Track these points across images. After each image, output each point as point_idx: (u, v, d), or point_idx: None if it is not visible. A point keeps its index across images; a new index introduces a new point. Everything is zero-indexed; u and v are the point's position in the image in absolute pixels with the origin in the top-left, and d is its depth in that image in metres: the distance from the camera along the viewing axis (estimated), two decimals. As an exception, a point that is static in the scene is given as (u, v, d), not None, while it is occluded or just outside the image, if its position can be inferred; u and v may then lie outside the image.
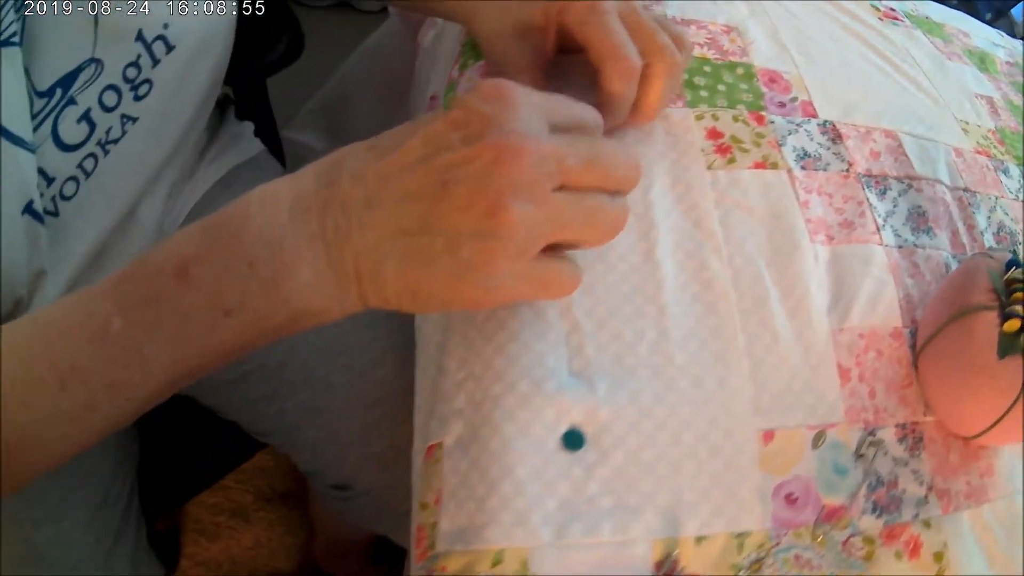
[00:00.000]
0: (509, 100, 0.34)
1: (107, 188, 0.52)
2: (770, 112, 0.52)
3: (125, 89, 0.50)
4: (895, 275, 0.48)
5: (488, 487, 0.37)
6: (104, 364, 0.34)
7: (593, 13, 0.46)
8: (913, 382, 0.45)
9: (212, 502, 1.15)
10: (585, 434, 0.38)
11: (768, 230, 0.46)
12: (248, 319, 0.35)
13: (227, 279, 0.34)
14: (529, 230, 0.33)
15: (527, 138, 0.33)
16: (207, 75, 0.57)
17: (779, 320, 0.43)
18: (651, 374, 0.40)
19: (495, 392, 0.39)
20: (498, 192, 0.32)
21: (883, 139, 0.55)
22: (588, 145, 0.35)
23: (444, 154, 0.33)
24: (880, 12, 0.69)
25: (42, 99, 0.45)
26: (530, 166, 0.33)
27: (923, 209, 0.53)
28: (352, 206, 0.34)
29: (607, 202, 0.36)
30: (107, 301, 0.34)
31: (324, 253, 0.34)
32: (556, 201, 0.34)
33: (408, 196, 0.33)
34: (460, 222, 0.33)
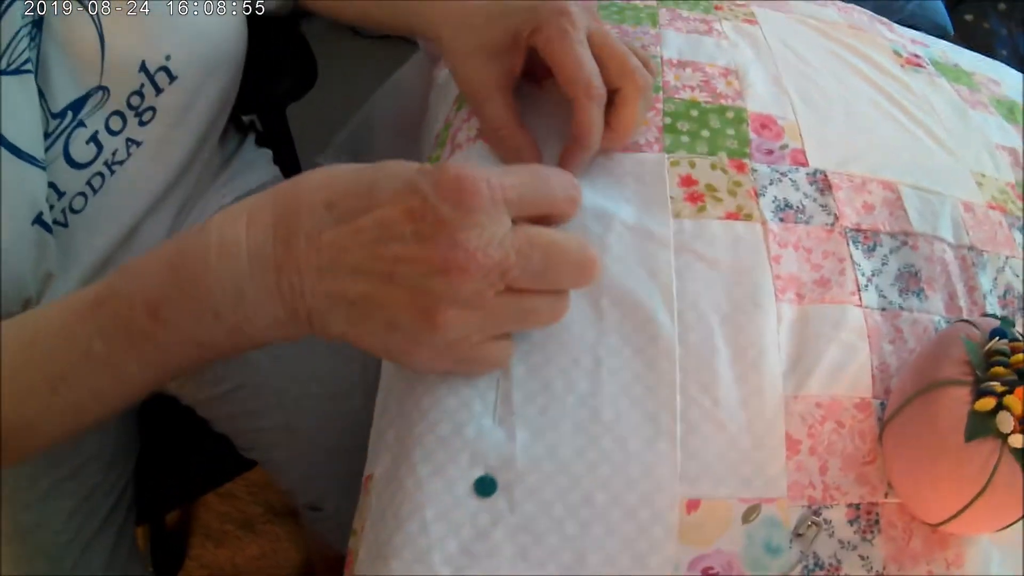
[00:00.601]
0: (467, 205, 0.32)
1: (113, 205, 0.53)
2: (754, 160, 0.47)
3: (130, 115, 0.52)
4: (872, 340, 0.42)
5: (398, 522, 0.35)
6: (89, 376, 0.36)
7: (562, 38, 0.43)
8: (876, 459, 0.39)
9: (222, 510, 1.16)
10: (498, 481, 0.35)
11: (729, 285, 0.41)
12: (218, 350, 0.36)
13: (196, 324, 0.35)
14: (460, 333, 0.34)
15: (473, 253, 0.32)
16: (212, 104, 0.57)
17: (724, 383, 0.38)
18: (573, 428, 0.36)
19: (418, 431, 0.36)
20: (434, 301, 0.32)
21: (880, 191, 0.49)
22: (541, 250, 0.33)
23: (394, 244, 0.32)
24: (903, 59, 0.62)
25: (55, 120, 0.48)
26: (472, 280, 0.32)
27: (916, 268, 0.46)
28: (306, 271, 0.33)
29: (547, 303, 0.35)
30: (87, 324, 0.35)
31: (281, 305, 0.34)
32: (494, 307, 0.33)
33: (357, 273, 0.33)
34: (398, 314, 0.33)
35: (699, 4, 0.63)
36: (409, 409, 0.37)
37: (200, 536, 1.13)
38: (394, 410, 0.39)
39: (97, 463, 0.62)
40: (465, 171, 0.32)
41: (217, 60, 0.56)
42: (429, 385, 0.37)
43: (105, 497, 0.62)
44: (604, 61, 0.44)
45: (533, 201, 0.34)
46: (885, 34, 0.67)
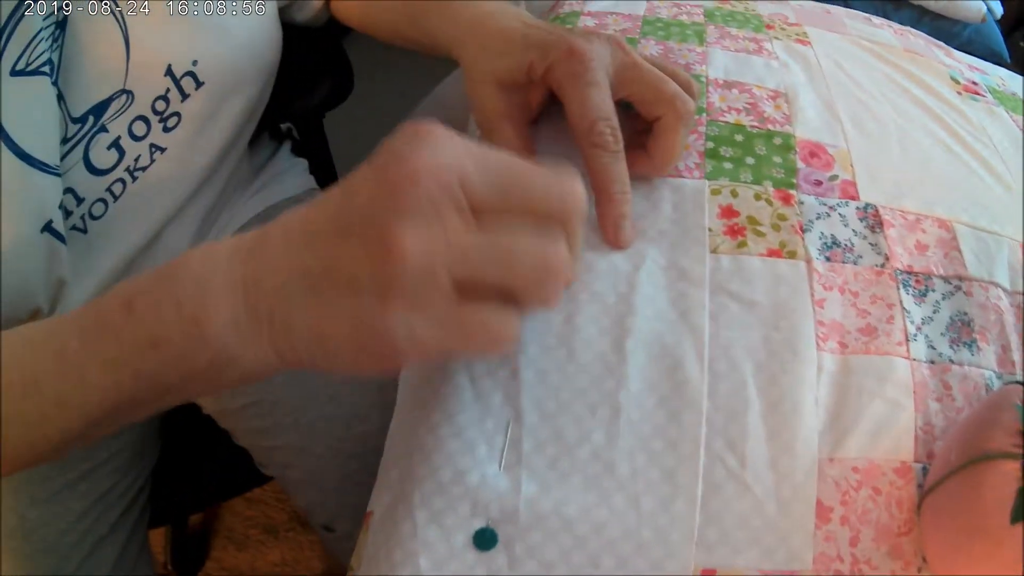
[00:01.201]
0: (423, 135, 0.27)
1: (134, 211, 0.49)
2: (801, 191, 0.41)
3: (154, 120, 0.47)
4: (917, 397, 0.36)
5: (390, 567, 0.30)
6: (55, 379, 0.31)
7: (572, 80, 0.38)
8: (913, 530, 0.33)
9: (247, 514, 1.11)
10: (499, 535, 0.30)
11: (767, 330, 0.35)
12: (171, 355, 0.30)
13: (159, 314, 0.29)
14: (426, 264, 0.26)
15: (424, 163, 0.26)
16: (240, 111, 0.53)
17: (753, 440, 0.32)
18: (584, 484, 0.31)
19: (418, 474, 0.32)
20: (386, 223, 0.26)
21: (934, 229, 0.43)
22: (504, 167, 0.27)
23: (355, 199, 0.27)
24: (960, 85, 0.55)
25: (76, 124, 0.43)
26: (426, 191, 0.26)
27: (969, 317, 0.40)
28: (270, 253, 0.29)
29: (531, 239, 0.27)
30: (72, 323, 0.31)
31: (243, 298, 0.29)
32: (461, 234, 0.26)
33: (314, 238, 0.28)
34: (357, 264, 0.27)
35: (749, 22, 0.56)
36: (412, 448, 0.33)
37: (223, 538, 1.08)
38: (400, 446, 0.34)
39: (111, 467, 0.58)
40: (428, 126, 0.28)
41: (246, 67, 0.51)
42: (433, 424, 0.33)
43: (118, 500, 0.59)
44: (638, 95, 0.39)
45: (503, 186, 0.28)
46: (942, 59, 0.60)
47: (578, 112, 0.38)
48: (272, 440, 0.59)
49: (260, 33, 0.53)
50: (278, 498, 1.12)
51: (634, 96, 0.39)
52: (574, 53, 0.39)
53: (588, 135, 0.38)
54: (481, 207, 0.27)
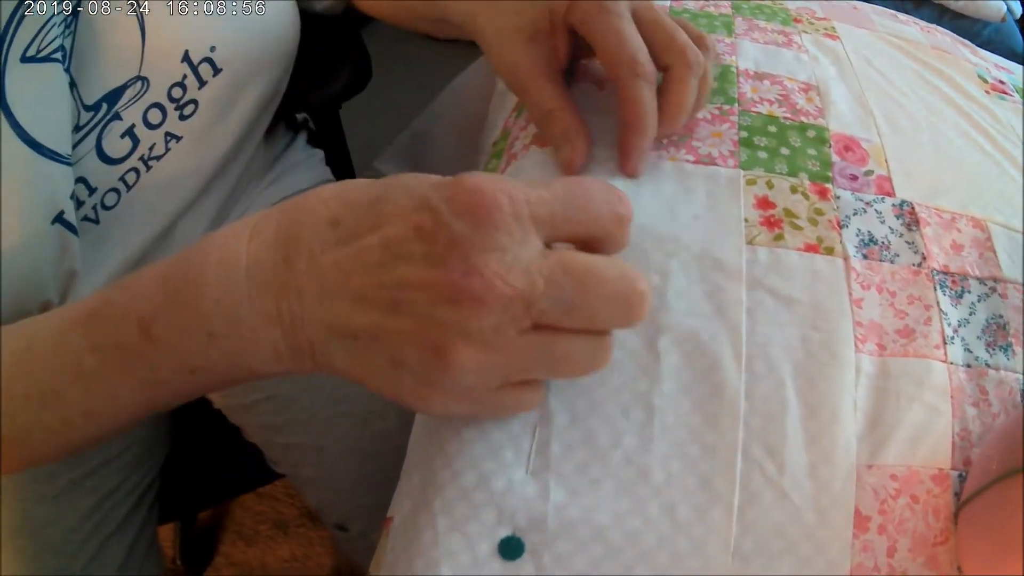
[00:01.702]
0: (484, 222, 0.23)
1: (148, 202, 0.46)
2: (837, 185, 0.38)
3: (170, 108, 0.44)
4: (955, 402, 0.32)
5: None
6: (80, 395, 0.29)
7: (601, 13, 0.35)
8: (949, 539, 0.30)
9: (257, 509, 1.06)
10: (525, 544, 0.27)
11: (805, 329, 0.32)
12: (213, 377, 0.28)
13: (189, 345, 0.27)
14: (478, 376, 0.25)
15: (490, 279, 0.23)
16: (257, 100, 0.49)
17: (792, 446, 0.29)
18: (616, 490, 0.28)
19: (441, 480, 0.28)
20: (447, 335, 0.24)
21: (969, 229, 0.39)
22: (575, 277, 0.24)
23: (401, 267, 0.24)
24: (988, 84, 0.51)
25: (88, 112, 0.40)
26: (489, 314, 0.24)
27: (1004, 320, 0.37)
28: (306, 296, 0.25)
29: (584, 346, 0.26)
30: (80, 336, 0.28)
31: (281, 336, 0.26)
32: (518, 347, 0.24)
33: (360, 301, 0.25)
34: (405, 349, 0.25)
35: (777, 15, 0.52)
36: (434, 452, 0.29)
37: (232, 534, 1.04)
38: (422, 450, 0.31)
39: (119, 463, 0.54)
40: (484, 182, 0.24)
41: (265, 53, 0.48)
42: (456, 427, 0.29)
43: (125, 498, 0.55)
44: (650, 38, 0.35)
45: (568, 218, 0.25)
46: (969, 57, 0.56)
47: (614, 44, 0.35)
48: (286, 437, 0.55)
49: (278, 18, 0.49)
50: (288, 493, 1.07)
51: (646, 38, 0.35)
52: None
53: (630, 65, 0.34)
54: (543, 321, 0.24)
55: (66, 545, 0.51)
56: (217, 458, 0.66)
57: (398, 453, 0.53)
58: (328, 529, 0.61)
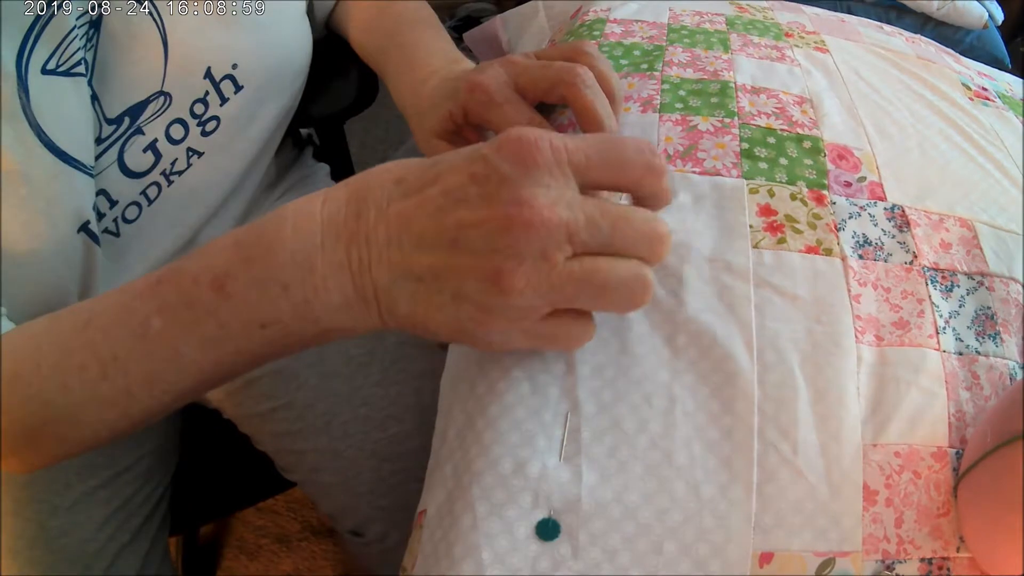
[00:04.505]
0: (530, 161, 0.28)
1: (168, 216, 0.48)
2: (833, 192, 0.42)
3: (192, 124, 0.46)
4: (949, 386, 0.37)
5: (451, 562, 0.30)
6: (143, 358, 0.31)
7: (487, 109, 0.41)
8: (951, 511, 0.34)
9: (259, 523, 1.08)
10: (561, 525, 0.30)
11: (810, 323, 0.36)
12: (281, 331, 0.31)
13: (262, 297, 0.30)
14: (531, 298, 0.28)
15: (538, 208, 0.27)
16: (274, 115, 0.53)
17: (804, 427, 0.33)
18: (644, 472, 0.31)
19: (477, 468, 0.32)
20: (501, 261, 0.28)
21: (957, 228, 0.44)
22: (609, 218, 0.29)
23: (460, 209, 0.28)
24: (971, 91, 0.56)
25: (110, 126, 0.42)
26: (537, 238, 0.27)
27: (992, 311, 0.41)
28: (374, 242, 0.29)
29: (625, 274, 0.29)
30: (147, 301, 0.31)
31: (350, 281, 0.30)
32: (563, 272, 0.28)
33: (423, 244, 0.29)
34: (465, 282, 0.29)
35: (769, 30, 0.57)
36: (469, 442, 0.33)
37: (234, 548, 1.05)
38: (453, 442, 0.34)
39: (133, 474, 0.56)
40: (527, 131, 0.28)
41: (283, 70, 0.51)
42: (490, 418, 0.33)
43: (139, 508, 0.57)
44: (537, 89, 0.41)
45: (603, 165, 0.29)
46: (953, 66, 0.61)
47: (506, 127, 0.40)
48: (303, 444, 0.58)
49: (294, 35, 0.52)
50: (289, 508, 1.09)
51: (537, 94, 0.41)
52: (473, 88, 0.42)
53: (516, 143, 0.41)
54: (585, 249, 0.28)
55: (81, 555, 0.52)
56: (226, 469, 0.68)
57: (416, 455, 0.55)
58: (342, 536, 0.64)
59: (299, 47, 0.53)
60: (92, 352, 0.31)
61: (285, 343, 0.32)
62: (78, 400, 0.32)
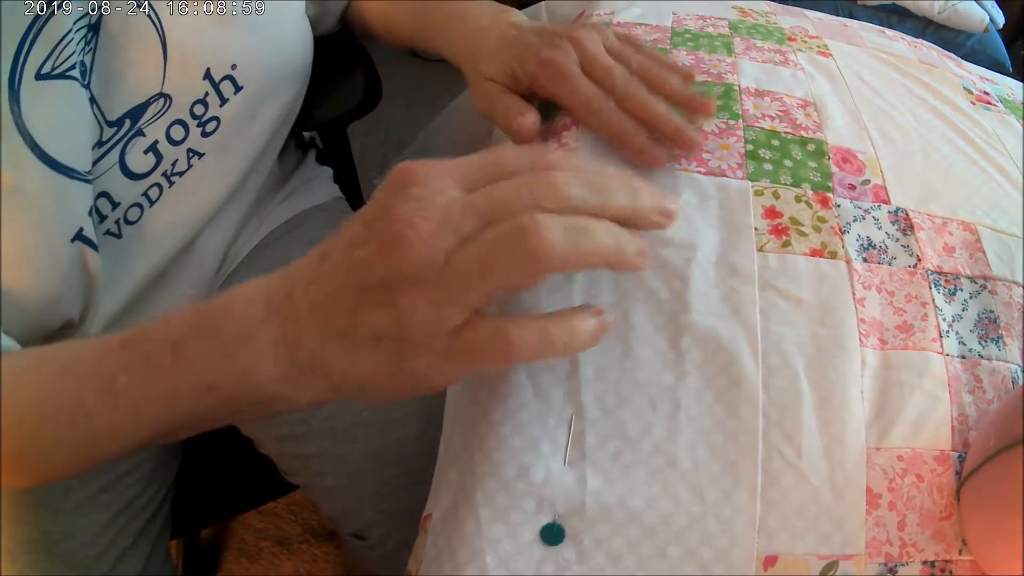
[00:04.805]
0: (404, 183, 0.28)
1: (170, 217, 0.48)
2: (837, 194, 0.42)
3: (192, 125, 0.47)
4: (952, 390, 0.37)
5: (455, 567, 0.30)
6: (108, 412, 0.33)
7: (552, 84, 0.43)
8: (953, 514, 0.34)
9: (260, 526, 1.08)
10: (566, 530, 0.31)
11: (814, 326, 0.36)
12: (226, 395, 0.32)
13: (209, 362, 0.31)
14: (431, 314, 0.28)
15: (411, 220, 0.27)
16: (275, 116, 0.53)
17: (808, 431, 0.33)
18: (648, 476, 0.31)
19: (481, 472, 0.32)
20: (389, 287, 0.28)
21: (960, 232, 0.44)
22: (485, 193, 0.28)
23: (355, 251, 0.29)
24: (973, 95, 0.56)
25: (111, 128, 0.42)
26: (415, 252, 0.27)
27: (995, 315, 0.41)
28: (302, 315, 0.30)
29: (501, 232, 0.27)
30: (116, 359, 0.33)
31: (287, 354, 0.30)
32: (451, 270, 0.28)
33: (338, 298, 0.29)
34: (374, 321, 0.29)
35: (772, 35, 0.57)
36: (472, 448, 0.33)
37: (234, 551, 1.05)
38: (458, 447, 0.35)
39: (134, 477, 0.56)
40: (408, 162, 0.29)
41: (283, 70, 0.51)
42: (494, 423, 0.33)
43: (141, 511, 0.57)
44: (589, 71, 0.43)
45: (481, 168, 0.29)
46: (955, 70, 0.61)
47: (569, 102, 0.43)
48: (306, 447, 0.57)
49: (294, 35, 0.52)
50: (290, 510, 1.09)
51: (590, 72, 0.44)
52: (543, 63, 0.44)
53: (585, 111, 0.43)
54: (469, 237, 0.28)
55: (82, 559, 0.52)
56: (227, 473, 0.68)
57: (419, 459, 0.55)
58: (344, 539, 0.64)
59: (299, 47, 0.53)
60: (65, 399, 0.33)
61: (233, 407, 0.32)
62: (49, 442, 0.34)
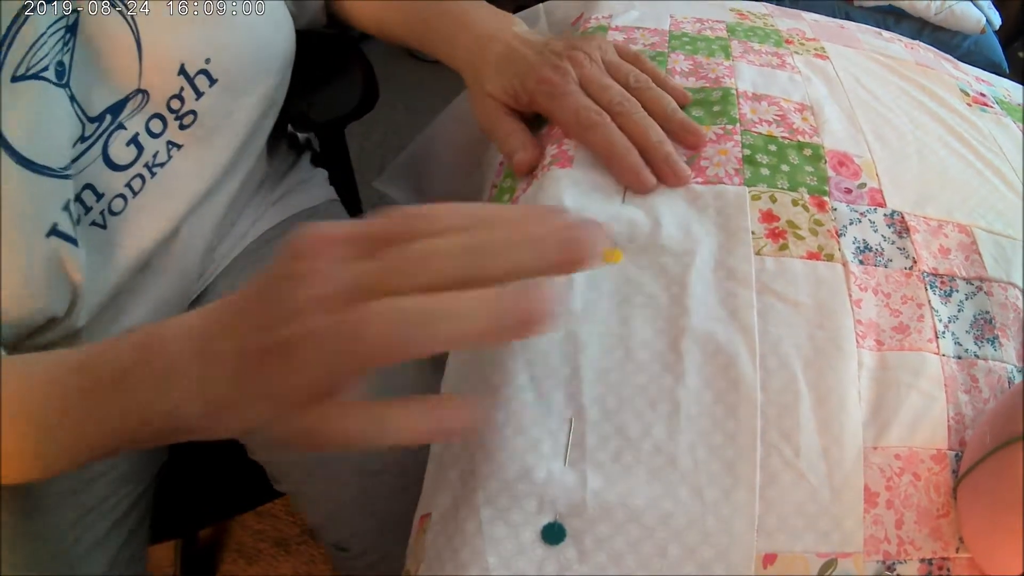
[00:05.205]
0: (295, 255, 0.28)
1: (152, 208, 0.50)
2: (834, 198, 0.43)
3: (170, 118, 0.48)
4: (948, 390, 0.37)
5: (456, 568, 0.31)
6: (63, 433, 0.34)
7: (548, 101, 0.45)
8: (950, 512, 0.35)
9: (258, 527, 1.08)
10: (567, 529, 0.31)
11: (812, 328, 0.37)
12: (159, 427, 0.32)
13: (142, 398, 0.31)
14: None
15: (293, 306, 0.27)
16: (255, 107, 0.53)
17: (806, 431, 0.34)
18: (649, 476, 0.32)
19: (482, 473, 0.33)
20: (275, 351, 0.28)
21: (956, 234, 0.45)
22: (352, 277, 0.27)
23: (250, 320, 0.29)
24: (970, 97, 0.57)
25: (93, 123, 0.44)
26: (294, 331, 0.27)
27: (991, 315, 0.42)
28: (216, 364, 0.30)
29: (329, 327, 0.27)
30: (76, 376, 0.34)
31: (200, 394, 0.30)
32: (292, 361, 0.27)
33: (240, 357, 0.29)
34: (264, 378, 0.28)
35: (769, 37, 0.58)
36: (474, 448, 0.34)
37: (233, 552, 1.06)
38: (457, 447, 0.35)
39: (104, 480, 0.56)
40: (304, 229, 0.28)
41: (260, 61, 0.52)
42: (495, 424, 0.34)
43: (111, 510, 0.56)
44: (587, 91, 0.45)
45: (371, 235, 0.28)
46: (951, 72, 0.62)
47: (561, 119, 0.45)
48: (291, 456, 0.58)
49: (271, 25, 0.53)
50: (288, 511, 1.10)
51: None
52: (542, 81, 0.45)
53: (578, 128, 0.44)
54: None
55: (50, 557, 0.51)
56: (218, 476, 0.68)
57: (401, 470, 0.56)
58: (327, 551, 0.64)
59: (277, 35, 0.54)
60: (28, 414, 0.34)
61: (167, 439, 0.33)
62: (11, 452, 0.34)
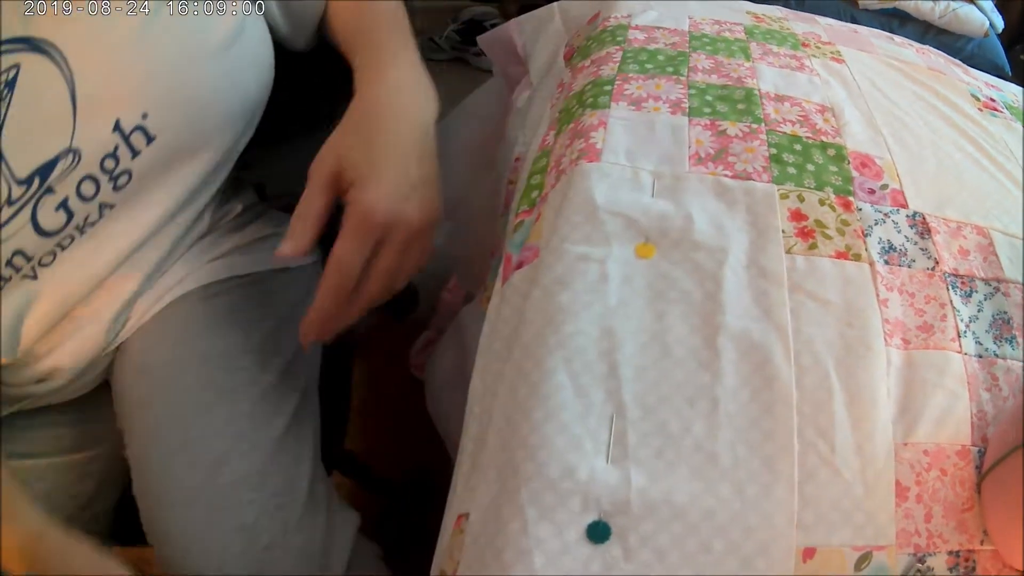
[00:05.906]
0: None
1: (81, 260, 0.47)
2: (858, 198, 0.44)
3: (104, 180, 0.44)
4: (971, 388, 0.39)
5: (500, 568, 0.31)
6: None
7: (346, 224, 0.42)
8: (974, 506, 0.36)
9: None
10: (612, 528, 0.32)
11: (841, 327, 0.38)
12: None
13: None
14: None
15: None
16: (199, 166, 0.49)
17: (841, 428, 0.35)
18: (691, 473, 0.33)
19: (525, 472, 0.33)
20: None
21: (974, 236, 0.46)
22: None
23: None
24: (980, 102, 0.58)
25: (21, 186, 0.41)
26: None
27: (1009, 315, 0.43)
28: None
29: None
30: None
31: None
32: None
33: None
34: None
35: (787, 40, 0.59)
36: (514, 446, 0.34)
37: None
38: (495, 446, 0.35)
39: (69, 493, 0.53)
40: None
41: (209, 119, 0.47)
42: (535, 422, 0.34)
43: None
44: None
45: None
46: (962, 77, 0.63)
47: (340, 240, 0.42)
48: None
49: (225, 83, 0.47)
50: None
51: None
52: (367, 215, 0.41)
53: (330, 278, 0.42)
54: None
55: None
56: None
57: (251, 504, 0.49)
58: None
59: (229, 89, 0.48)
60: None
61: None
62: None
